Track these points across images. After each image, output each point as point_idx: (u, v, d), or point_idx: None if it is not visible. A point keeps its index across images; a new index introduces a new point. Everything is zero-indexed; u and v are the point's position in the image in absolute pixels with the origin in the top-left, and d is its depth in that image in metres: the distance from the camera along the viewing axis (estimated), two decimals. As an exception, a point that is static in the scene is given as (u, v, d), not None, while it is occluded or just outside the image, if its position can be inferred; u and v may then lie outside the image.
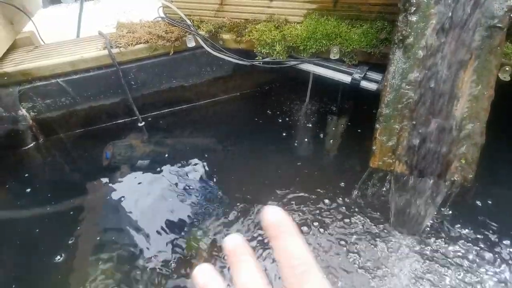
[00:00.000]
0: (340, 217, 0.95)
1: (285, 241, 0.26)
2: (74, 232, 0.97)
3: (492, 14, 0.70)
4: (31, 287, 0.88)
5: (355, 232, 0.91)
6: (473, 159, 0.74)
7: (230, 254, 0.28)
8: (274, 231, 0.27)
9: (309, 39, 1.04)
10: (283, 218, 0.27)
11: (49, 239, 0.96)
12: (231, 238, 0.29)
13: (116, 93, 1.27)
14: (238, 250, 0.28)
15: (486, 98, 0.72)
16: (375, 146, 0.81)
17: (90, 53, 1.18)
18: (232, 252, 0.28)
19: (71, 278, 0.87)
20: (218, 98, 1.46)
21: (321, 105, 1.38)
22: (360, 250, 0.87)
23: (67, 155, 1.29)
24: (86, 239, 0.95)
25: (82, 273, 0.87)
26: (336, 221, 0.94)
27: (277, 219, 0.27)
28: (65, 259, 0.90)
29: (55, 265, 0.89)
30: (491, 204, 0.95)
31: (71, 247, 0.93)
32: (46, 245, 0.94)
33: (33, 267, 0.91)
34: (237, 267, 0.27)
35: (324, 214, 0.96)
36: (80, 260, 0.90)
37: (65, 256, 0.91)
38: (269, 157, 1.18)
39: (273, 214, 0.27)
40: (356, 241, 0.89)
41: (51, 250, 0.92)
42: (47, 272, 0.89)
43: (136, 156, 1.22)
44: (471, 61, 0.72)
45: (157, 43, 1.19)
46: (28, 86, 1.16)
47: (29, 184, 1.16)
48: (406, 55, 0.77)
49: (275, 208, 0.28)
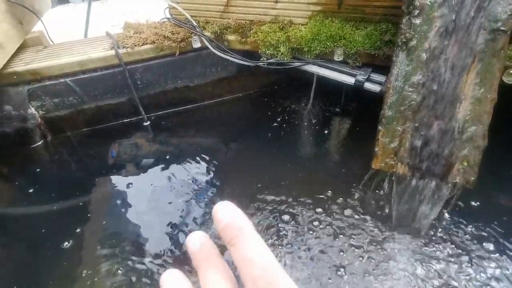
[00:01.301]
0: (341, 218, 0.96)
1: (243, 247, 0.22)
2: (79, 229, 0.99)
3: (495, 17, 0.70)
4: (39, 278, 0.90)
5: (356, 233, 0.92)
6: (475, 162, 0.74)
7: (195, 257, 0.24)
8: (228, 234, 0.22)
9: (314, 41, 1.05)
10: (236, 216, 0.22)
11: (56, 235, 0.98)
12: (195, 238, 0.25)
13: (122, 93, 1.29)
14: (204, 251, 0.24)
15: (489, 101, 0.72)
16: (377, 147, 0.82)
17: (98, 53, 1.20)
18: (196, 254, 0.24)
19: (77, 271, 0.89)
20: (223, 98, 1.47)
21: (325, 106, 1.39)
22: (361, 251, 0.88)
23: (74, 153, 1.31)
24: (91, 236, 0.97)
25: (87, 267, 0.89)
26: (338, 221, 0.95)
27: (230, 218, 0.22)
28: (70, 254, 0.92)
29: (61, 259, 0.91)
30: (493, 207, 0.95)
31: (76, 243, 0.95)
32: (52, 241, 0.96)
33: (40, 260, 0.93)
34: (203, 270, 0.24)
35: (326, 214, 0.97)
36: (85, 256, 0.92)
37: (70, 251, 0.93)
38: (272, 157, 1.19)
39: (224, 213, 0.23)
40: (357, 241, 0.90)
41: (57, 245, 0.94)
42: (54, 265, 0.90)
43: (141, 155, 1.24)
44: (474, 64, 0.72)
45: (163, 43, 1.21)
46: (37, 85, 1.19)
47: (37, 181, 1.18)
48: (409, 57, 0.77)
49: (226, 204, 0.23)
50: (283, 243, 0.91)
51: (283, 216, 0.97)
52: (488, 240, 0.87)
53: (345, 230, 0.93)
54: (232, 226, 0.22)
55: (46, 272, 0.90)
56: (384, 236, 0.91)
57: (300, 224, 0.95)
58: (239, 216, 0.23)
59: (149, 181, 1.14)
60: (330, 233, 0.92)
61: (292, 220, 0.96)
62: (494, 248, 0.86)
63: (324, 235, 0.92)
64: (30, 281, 0.88)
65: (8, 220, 1.07)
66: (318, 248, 0.89)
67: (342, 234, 0.92)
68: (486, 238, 0.88)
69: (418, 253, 0.87)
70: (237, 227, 0.22)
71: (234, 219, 0.22)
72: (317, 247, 0.89)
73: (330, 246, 0.89)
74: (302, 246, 0.90)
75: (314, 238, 0.91)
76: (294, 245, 0.90)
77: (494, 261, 0.83)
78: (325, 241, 0.90)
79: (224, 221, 0.22)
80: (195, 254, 0.24)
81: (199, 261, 0.24)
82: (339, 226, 0.94)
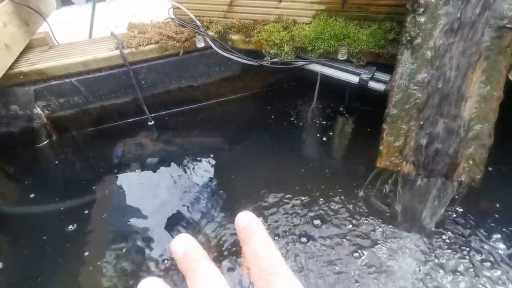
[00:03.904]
0: (346, 216, 0.95)
1: (254, 243, 0.25)
2: (84, 227, 1.00)
3: (501, 14, 0.70)
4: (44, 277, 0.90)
5: (362, 231, 0.92)
6: (481, 160, 0.74)
7: (182, 260, 0.25)
8: (244, 235, 0.26)
9: (317, 40, 1.05)
10: (252, 221, 0.27)
11: (60, 233, 0.99)
12: (180, 240, 0.25)
13: (127, 93, 1.29)
14: (191, 254, 0.25)
15: (495, 99, 0.72)
16: (382, 146, 0.81)
17: (103, 53, 1.21)
18: (183, 257, 0.25)
19: (80, 270, 0.89)
20: (227, 98, 1.47)
21: (329, 105, 1.38)
22: (367, 249, 0.87)
23: (79, 152, 1.32)
24: (95, 235, 0.98)
25: (91, 265, 0.90)
26: (343, 220, 0.95)
27: (247, 222, 0.27)
28: (74, 253, 0.93)
29: (65, 260, 0.92)
30: (499, 205, 0.94)
31: (80, 241, 0.96)
32: (56, 239, 0.97)
33: (46, 258, 0.93)
34: (192, 275, 0.24)
35: (331, 213, 0.97)
36: (89, 255, 0.93)
37: (74, 250, 0.93)
38: (276, 156, 1.19)
39: (243, 219, 0.27)
40: (363, 240, 0.90)
41: (61, 244, 0.95)
42: (58, 266, 0.91)
43: (145, 154, 1.25)
44: (480, 62, 0.72)
45: (167, 43, 1.21)
46: (43, 85, 1.20)
47: (42, 180, 1.19)
48: (414, 55, 0.77)
49: (245, 213, 0.27)
50: (286, 241, 0.91)
51: (285, 215, 0.97)
52: (495, 239, 0.87)
53: (349, 229, 0.92)
54: (248, 229, 0.26)
55: (52, 272, 0.91)
56: (389, 235, 0.90)
57: (304, 223, 0.95)
58: (255, 223, 0.27)
59: (153, 180, 1.14)
60: (334, 233, 0.92)
61: (295, 218, 0.96)
62: (500, 246, 0.85)
63: (328, 234, 0.91)
64: (36, 280, 0.89)
65: (14, 219, 1.08)
66: (319, 246, 0.89)
67: (347, 233, 0.91)
68: (493, 236, 0.87)
69: (424, 251, 0.86)
70: (252, 230, 0.26)
71: (250, 224, 0.27)
72: (322, 245, 0.89)
73: (333, 244, 0.89)
74: (307, 244, 0.90)
75: (319, 237, 0.91)
76: (297, 243, 0.90)
77: (500, 259, 0.83)
78: (329, 240, 0.90)
79: (242, 224, 0.27)
80: (181, 259, 0.25)
81: (186, 265, 0.25)
82: (343, 225, 0.93)
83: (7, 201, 1.16)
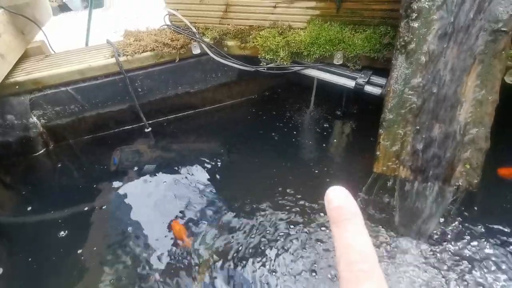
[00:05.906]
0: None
1: (346, 231, 0.23)
2: (82, 235, 0.99)
3: (496, 18, 0.70)
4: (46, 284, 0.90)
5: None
6: (478, 164, 0.73)
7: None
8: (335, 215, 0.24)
9: (313, 45, 1.04)
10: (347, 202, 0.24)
11: (58, 241, 0.98)
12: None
13: (123, 100, 1.29)
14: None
15: (491, 102, 0.72)
16: (378, 151, 0.81)
17: (98, 61, 1.21)
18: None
19: (80, 276, 0.89)
20: (223, 103, 1.47)
21: (326, 110, 1.38)
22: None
23: (76, 160, 1.32)
24: (92, 242, 0.97)
25: (90, 272, 0.89)
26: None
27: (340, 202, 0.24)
28: (71, 260, 0.92)
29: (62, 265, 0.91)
30: (498, 209, 0.93)
31: (79, 248, 0.95)
32: (55, 247, 0.97)
33: (45, 267, 0.93)
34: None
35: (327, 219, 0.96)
36: (87, 261, 0.92)
37: (73, 257, 0.93)
38: (274, 161, 1.19)
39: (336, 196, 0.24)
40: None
41: (61, 250, 0.95)
42: (58, 272, 0.91)
43: (143, 161, 1.24)
44: (475, 66, 0.72)
45: (163, 50, 1.21)
46: (39, 95, 1.20)
47: (40, 189, 1.19)
48: (409, 60, 0.77)
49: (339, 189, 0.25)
50: (285, 244, 0.90)
51: (283, 218, 0.96)
52: (493, 242, 0.86)
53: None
54: (343, 209, 0.24)
55: (49, 280, 0.90)
56: (387, 239, 0.90)
57: (301, 226, 0.94)
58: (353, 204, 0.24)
59: (151, 187, 1.14)
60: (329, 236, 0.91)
61: (293, 222, 0.95)
62: (499, 249, 0.84)
63: (324, 238, 0.91)
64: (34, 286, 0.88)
65: (13, 228, 1.07)
66: (320, 249, 0.88)
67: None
68: (492, 239, 0.87)
69: (422, 255, 0.86)
70: (349, 212, 0.23)
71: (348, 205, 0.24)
72: (319, 249, 0.88)
73: (330, 249, 0.88)
74: (304, 246, 0.89)
75: (315, 240, 0.90)
76: (295, 246, 0.89)
77: (498, 262, 0.82)
78: (327, 244, 0.89)
79: (336, 203, 0.24)
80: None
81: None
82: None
83: (4, 210, 1.16)
